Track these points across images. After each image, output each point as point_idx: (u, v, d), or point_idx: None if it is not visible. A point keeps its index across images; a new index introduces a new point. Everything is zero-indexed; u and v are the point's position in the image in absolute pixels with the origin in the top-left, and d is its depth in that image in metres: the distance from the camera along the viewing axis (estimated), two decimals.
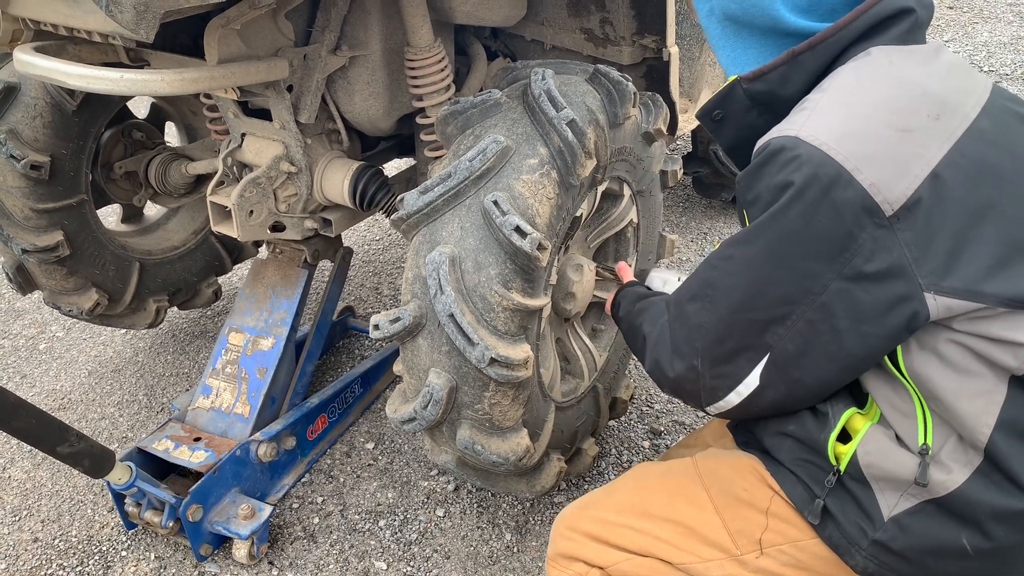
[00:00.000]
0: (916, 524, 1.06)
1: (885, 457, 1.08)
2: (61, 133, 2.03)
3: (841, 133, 1.02)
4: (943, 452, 1.05)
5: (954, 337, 1.02)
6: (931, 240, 0.99)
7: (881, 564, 1.10)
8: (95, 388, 2.46)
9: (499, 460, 1.49)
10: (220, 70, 1.52)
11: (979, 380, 1.02)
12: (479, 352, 1.36)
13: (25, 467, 2.17)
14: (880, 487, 1.09)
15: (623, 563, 1.26)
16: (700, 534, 1.23)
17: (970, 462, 1.03)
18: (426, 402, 1.44)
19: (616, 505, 1.31)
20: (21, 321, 2.81)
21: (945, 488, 1.03)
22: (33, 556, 1.91)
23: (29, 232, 2.04)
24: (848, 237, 1.00)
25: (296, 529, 1.92)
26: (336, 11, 1.70)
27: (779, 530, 1.19)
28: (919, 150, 1.01)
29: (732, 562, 1.21)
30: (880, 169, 0.99)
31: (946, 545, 1.05)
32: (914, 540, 1.07)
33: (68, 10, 1.39)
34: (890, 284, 1.00)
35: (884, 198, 0.99)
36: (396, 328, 1.43)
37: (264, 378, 1.98)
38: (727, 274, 1.12)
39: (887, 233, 0.99)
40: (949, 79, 1.08)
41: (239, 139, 1.88)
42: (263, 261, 2.14)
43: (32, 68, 1.45)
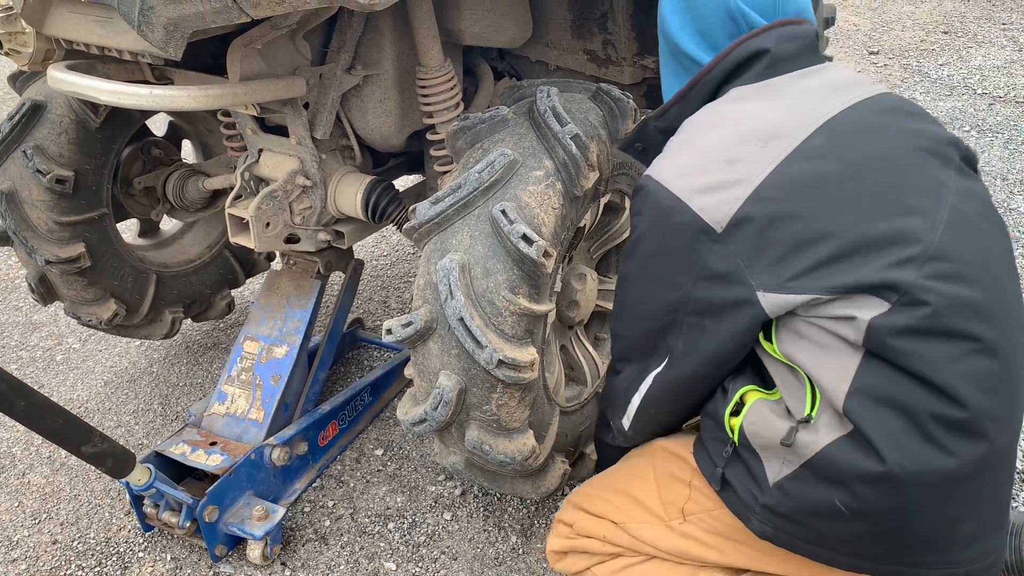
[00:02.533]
0: (794, 488, 1.17)
1: (765, 426, 1.20)
2: (85, 149, 2.11)
3: (678, 170, 1.24)
4: (820, 420, 1.15)
5: (807, 319, 1.16)
6: (760, 249, 1.16)
7: (775, 527, 1.20)
8: (111, 397, 2.53)
9: (506, 460, 1.55)
10: (242, 87, 1.61)
11: (835, 353, 1.14)
12: (487, 354, 1.42)
13: (44, 472, 2.23)
14: (766, 456, 1.21)
15: (583, 521, 1.50)
16: (641, 503, 1.43)
17: (839, 427, 1.13)
18: (436, 403, 1.51)
19: (599, 481, 1.55)
20: (38, 333, 2.89)
21: (811, 450, 1.14)
22: (52, 557, 1.96)
23: (52, 244, 2.11)
24: (692, 252, 1.21)
25: (308, 531, 1.98)
26: (351, 32, 1.78)
27: (698, 500, 1.35)
28: (742, 176, 1.18)
29: (662, 526, 1.39)
30: (707, 196, 1.19)
31: (822, 506, 1.14)
32: (795, 503, 1.17)
33: (101, 30, 1.48)
34: (731, 287, 1.19)
35: (712, 218, 1.18)
36: (408, 332, 1.50)
37: (278, 385, 2.05)
38: (623, 292, 1.39)
39: (722, 247, 1.18)
40: (793, 106, 1.25)
41: (256, 154, 1.97)
42: (278, 272, 2.22)
43: (66, 85, 1.53)
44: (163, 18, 1.33)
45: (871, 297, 1.11)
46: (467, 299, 1.44)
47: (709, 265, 1.20)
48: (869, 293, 1.11)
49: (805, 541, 1.19)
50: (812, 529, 1.17)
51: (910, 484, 1.08)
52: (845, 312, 1.12)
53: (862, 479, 1.10)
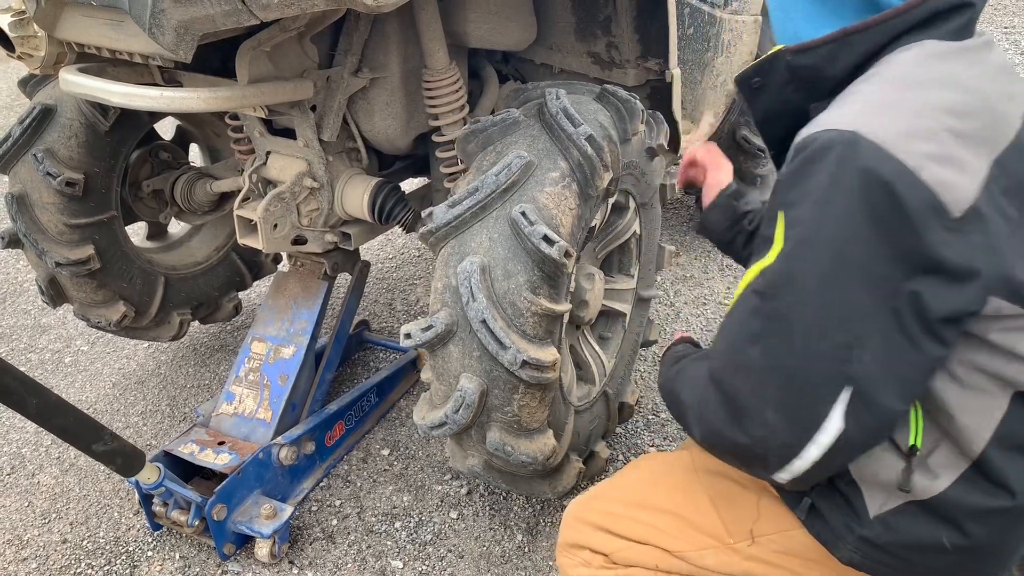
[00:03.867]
0: (900, 523, 1.09)
1: (872, 459, 1.08)
2: (94, 152, 2.14)
3: (901, 130, 0.96)
4: (932, 457, 1.06)
5: (964, 356, 1.02)
6: (993, 246, 0.97)
7: (865, 556, 1.13)
8: (119, 399, 2.55)
9: (528, 460, 1.56)
10: (250, 89, 1.63)
11: (983, 395, 1.02)
12: (511, 355, 1.44)
13: (54, 473, 2.25)
14: (867, 487, 1.11)
15: (625, 550, 1.31)
16: (696, 524, 1.27)
17: (957, 467, 1.05)
18: (458, 406, 1.51)
19: (620, 498, 1.36)
20: (47, 336, 2.91)
21: (929, 492, 1.06)
22: (63, 556, 1.98)
23: (62, 246, 2.13)
24: (916, 237, 0.94)
25: (315, 530, 2.00)
26: (358, 35, 1.80)
27: (770, 520, 1.23)
28: (972, 158, 0.97)
29: (726, 550, 1.25)
30: (942, 170, 0.95)
31: (927, 542, 1.08)
32: (898, 537, 1.10)
33: (113, 33, 1.50)
34: (962, 287, 0.96)
35: (952, 197, 0.94)
36: (428, 336, 1.51)
37: (285, 385, 2.06)
38: (796, 298, 0.99)
39: (956, 236, 0.95)
40: (996, 82, 1.05)
41: (264, 157, 1.99)
42: (285, 274, 2.24)
43: (78, 87, 1.56)
44: (174, 21, 1.35)
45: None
46: (489, 301, 1.45)
47: (937, 253, 0.94)
48: None
49: (893, 570, 1.13)
50: (906, 561, 1.11)
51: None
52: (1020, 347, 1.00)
53: (975, 516, 1.05)
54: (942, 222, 0.94)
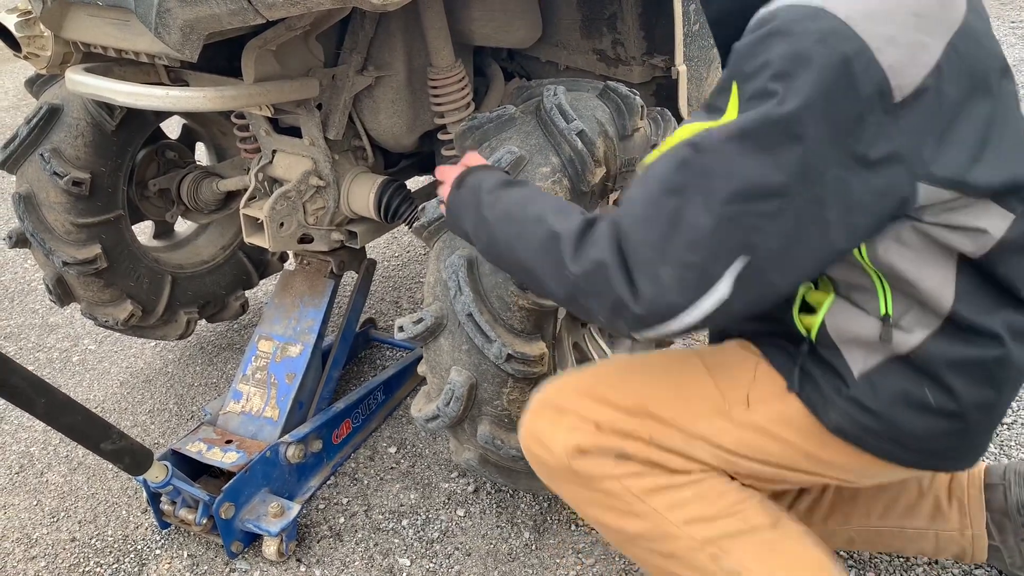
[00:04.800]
0: (883, 379, 1.13)
1: (850, 321, 1.14)
2: (101, 152, 2.14)
3: (864, 9, 0.97)
4: (904, 319, 1.11)
5: (916, 225, 1.04)
6: (928, 129, 0.98)
7: (853, 420, 1.15)
8: (127, 397, 2.56)
9: (518, 455, 1.56)
10: (256, 88, 1.63)
11: (937, 262, 1.07)
12: (497, 349, 1.44)
13: (62, 471, 2.26)
14: (848, 348, 1.15)
15: (614, 419, 1.24)
16: (690, 390, 1.26)
17: (931, 324, 1.10)
18: (448, 399, 1.52)
19: (607, 371, 1.32)
20: (55, 335, 2.92)
21: (908, 345, 1.11)
22: (71, 554, 1.99)
23: (70, 245, 2.14)
24: (857, 120, 0.95)
25: (323, 528, 2.00)
26: (363, 34, 1.80)
27: (765, 385, 1.23)
28: (927, 39, 0.99)
29: (720, 417, 1.23)
30: (898, 52, 0.96)
31: (910, 396, 1.11)
32: (882, 394, 1.12)
33: (119, 33, 1.50)
34: (886, 171, 0.97)
35: (898, 83, 0.95)
36: (419, 328, 1.52)
37: (292, 383, 2.07)
38: (728, 159, 0.97)
39: (891, 120, 0.96)
40: None
41: (270, 155, 1.99)
42: (291, 272, 2.24)
43: (84, 87, 1.56)
44: (180, 20, 1.35)
45: (996, 206, 1.05)
46: (475, 295, 1.46)
47: (866, 141, 0.96)
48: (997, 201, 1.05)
49: (876, 437, 1.15)
50: (890, 423, 1.13)
51: (1014, 377, 1.10)
52: (972, 223, 1.04)
53: (954, 366, 1.09)
54: (883, 105, 0.95)
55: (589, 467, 1.23)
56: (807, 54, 0.94)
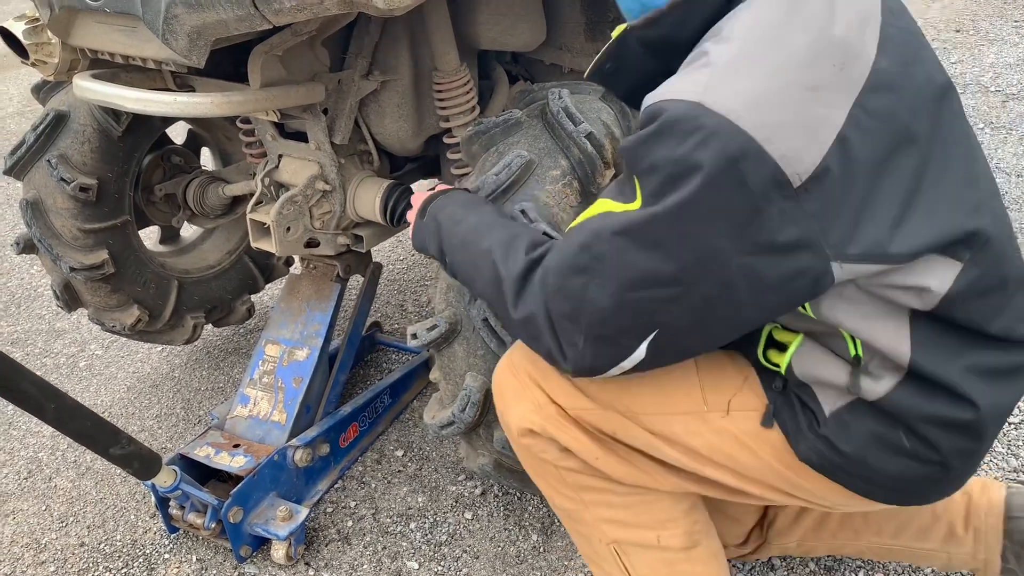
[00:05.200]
0: (855, 420, 1.11)
1: (817, 364, 1.12)
2: (107, 157, 2.15)
3: (750, 99, 0.92)
4: (871, 364, 1.08)
5: (860, 285, 1.01)
6: (838, 208, 0.94)
7: (823, 457, 1.14)
8: (134, 402, 2.56)
9: None
10: (263, 93, 1.64)
11: (887, 316, 1.04)
12: None
13: (70, 476, 2.26)
14: (818, 387, 1.14)
15: (585, 410, 1.26)
16: (673, 387, 1.23)
17: (896, 373, 1.07)
18: (464, 405, 1.52)
19: None
20: (61, 340, 2.93)
21: (876, 394, 1.08)
22: (80, 559, 1.99)
23: (77, 251, 2.15)
24: (755, 212, 0.92)
25: (331, 532, 2.00)
26: (368, 39, 1.81)
27: (748, 399, 1.21)
28: (826, 111, 0.93)
29: (696, 419, 1.22)
30: (791, 139, 0.91)
31: (884, 439, 1.09)
32: (854, 436, 1.11)
33: (126, 39, 1.51)
34: (795, 257, 0.94)
35: (794, 170, 0.91)
36: (433, 335, 1.52)
37: (300, 387, 2.07)
38: (620, 250, 1.00)
39: (794, 205, 0.92)
40: (849, 8, 0.99)
41: (276, 160, 1.99)
42: (298, 276, 2.24)
43: (92, 94, 1.57)
44: (187, 26, 1.36)
45: (940, 258, 1.00)
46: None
47: (770, 230, 0.93)
48: (941, 253, 1.00)
49: (848, 473, 1.14)
50: (861, 463, 1.12)
51: (991, 425, 1.06)
52: (914, 282, 1.00)
53: (929, 421, 1.06)
54: (782, 193, 0.91)
55: (535, 447, 1.31)
56: (690, 160, 0.92)
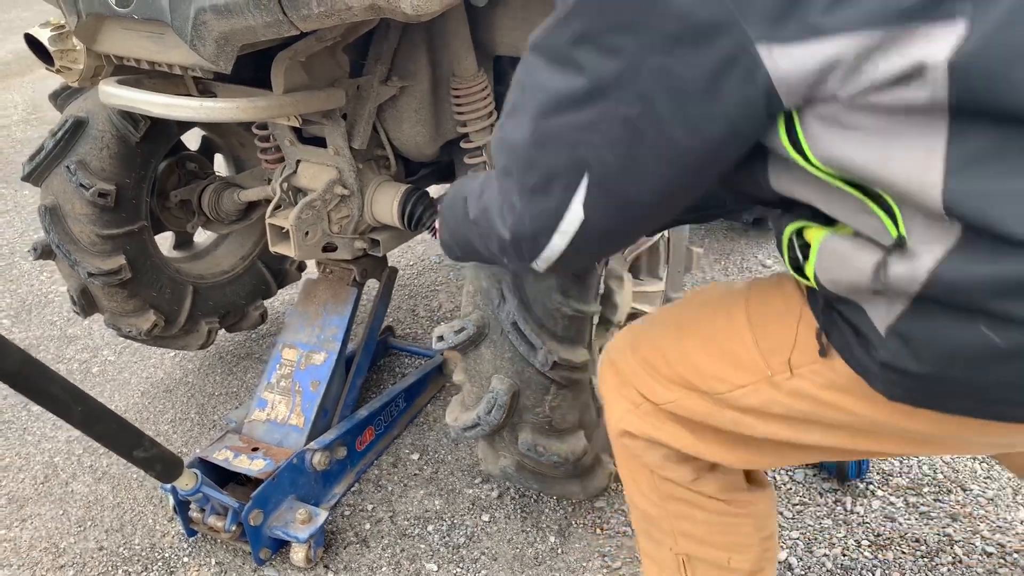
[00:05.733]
0: (915, 329, 0.83)
1: (844, 268, 0.89)
2: (125, 163, 2.16)
3: None
4: (913, 237, 0.80)
5: (855, 101, 0.77)
6: None
7: (905, 388, 0.88)
8: (148, 407, 2.57)
9: (559, 460, 1.58)
10: (286, 98, 1.66)
11: (904, 134, 0.77)
12: (542, 356, 1.46)
13: (87, 481, 2.27)
14: (864, 299, 0.89)
15: (672, 403, 1.18)
16: (733, 356, 1.10)
17: (943, 236, 0.78)
18: (490, 407, 1.54)
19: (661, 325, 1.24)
20: (74, 346, 2.94)
21: (917, 281, 0.79)
22: (99, 563, 2.00)
23: (95, 256, 2.16)
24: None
25: (349, 535, 2.01)
26: (387, 45, 1.83)
27: (806, 349, 1.03)
28: None
29: (766, 386, 1.07)
30: None
31: (966, 343, 0.79)
32: (925, 350, 0.83)
33: (153, 46, 1.53)
34: (711, 46, 0.78)
35: None
36: (460, 338, 1.54)
37: (317, 391, 2.09)
38: (532, 70, 0.90)
39: None
40: None
41: (294, 165, 2.01)
42: (314, 281, 2.26)
43: (118, 99, 1.59)
44: (215, 32, 1.38)
45: (933, 24, 0.71)
46: (520, 303, 1.48)
47: (675, 15, 0.78)
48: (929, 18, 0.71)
49: (950, 397, 0.87)
50: (960, 384, 0.84)
51: None
52: (902, 64, 0.73)
53: (1003, 290, 0.74)
54: None
55: (633, 448, 1.27)
56: None
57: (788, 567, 1.82)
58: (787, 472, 2.08)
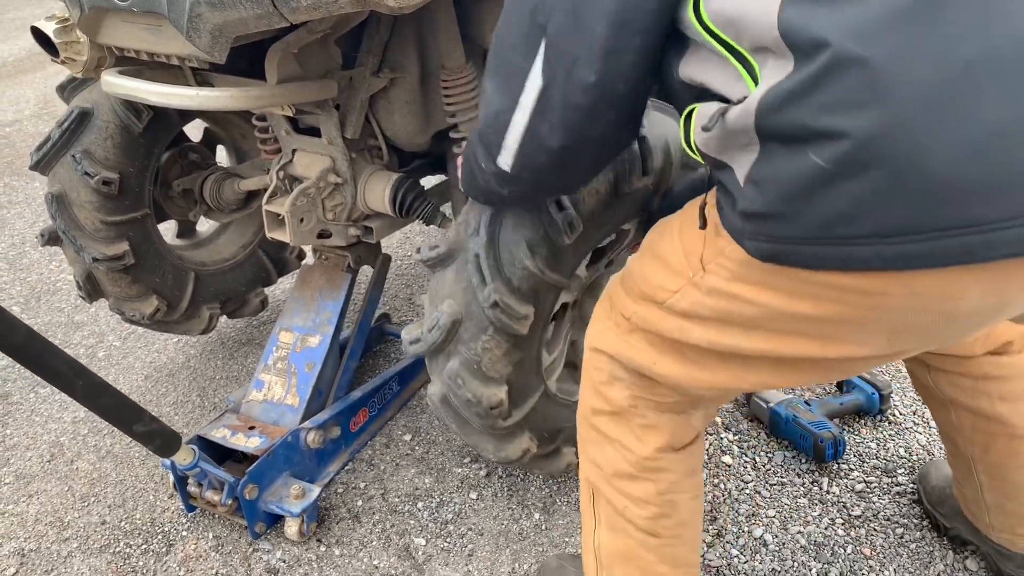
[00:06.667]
0: (762, 172, 0.92)
1: (703, 118, 0.98)
2: (128, 153, 2.24)
3: None
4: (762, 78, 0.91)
5: None
6: None
7: (768, 237, 0.95)
8: (152, 391, 2.66)
9: (472, 401, 1.63)
10: (279, 89, 1.73)
11: None
12: (487, 292, 1.53)
13: (91, 459, 2.35)
14: (731, 158, 0.98)
15: (637, 315, 1.26)
16: (668, 263, 1.19)
17: (778, 72, 0.88)
18: (432, 325, 1.61)
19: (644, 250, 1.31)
20: (80, 332, 3.03)
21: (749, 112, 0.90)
22: (102, 536, 2.08)
23: (99, 242, 2.24)
24: None
25: (341, 511, 2.09)
26: (378, 37, 1.90)
27: (712, 242, 1.11)
28: None
29: (691, 288, 1.14)
30: None
31: (799, 173, 0.87)
32: (770, 189, 0.91)
33: (151, 37, 1.61)
34: None
35: None
36: (432, 254, 1.62)
37: (312, 372, 2.16)
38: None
39: None
40: None
41: (290, 154, 2.09)
42: (311, 267, 2.34)
43: (119, 88, 1.66)
44: (209, 24, 1.45)
45: None
46: (489, 240, 1.54)
47: None
48: None
49: (806, 242, 0.91)
50: (803, 220, 0.89)
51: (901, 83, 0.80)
52: None
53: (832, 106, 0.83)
54: None
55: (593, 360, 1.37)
56: None
57: (763, 543, 1.88)
58: (767, 454, 2.14)
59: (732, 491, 2.03)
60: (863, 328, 1.00)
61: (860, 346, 1.02)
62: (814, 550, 1.85)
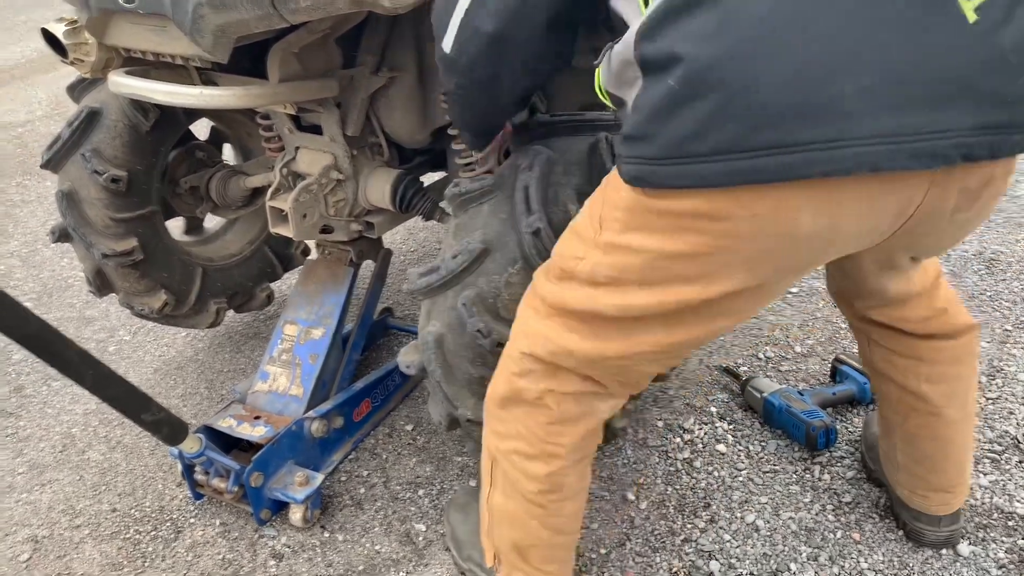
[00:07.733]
0: (641, 98, 1.02)
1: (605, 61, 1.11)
2: (136, 151, 2.30)
3: None
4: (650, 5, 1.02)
5: None
6: None
7: (637, 159, 1.04)
8: (161, 383, 2.72)
9: (482, 332, 1.57)
10: (281, 87, 1.78)
11: None
12: (532, 220, 1.52)
13: (101, 450, 2.42)
14: (625, 93, 1.10)
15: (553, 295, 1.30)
16: (578, 231, 1.26)
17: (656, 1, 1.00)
18: (457, 252, 1.57)
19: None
20: (91, 327, 3.09)
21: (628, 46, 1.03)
22: (112, 523, 2.15)
23: (108, 239, 2.30)
24: None
25: (345, 498, 2.14)
26: (378, 37, 1.95)
27: (607, 198, 1.18)
28: None
29: (593, 249, 1.19)
30: None
31: (660, 96, 0.97)
32: (642, 113, 1.01)
33: (157, 38, 1.66)
34: None
35: None
36: (474, 187, 1.63)
37: (316, 363, 2.22)
38: None
39: None
40: None
41: (293, 152, 2.14)
42: (314, 261, 2.39)
43: (126, 88, 1.72)
44: (212, 25, 1.51)
45: None
46: (542, 175, 1.57)
47: None
48: None
49: (663, 162, 0.99)
50: (661, 139, 0.99)
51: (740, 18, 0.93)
52: None
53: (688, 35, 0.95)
54: None
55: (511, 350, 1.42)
56: None
57: (755, 528, 1.93)
58: (760, 443, 2.18)
59: (725, 478, 2.08)
60: (725, 262, 1.06)
61: (727, 280, 1.08)
62: (805, 535, 1.90)
